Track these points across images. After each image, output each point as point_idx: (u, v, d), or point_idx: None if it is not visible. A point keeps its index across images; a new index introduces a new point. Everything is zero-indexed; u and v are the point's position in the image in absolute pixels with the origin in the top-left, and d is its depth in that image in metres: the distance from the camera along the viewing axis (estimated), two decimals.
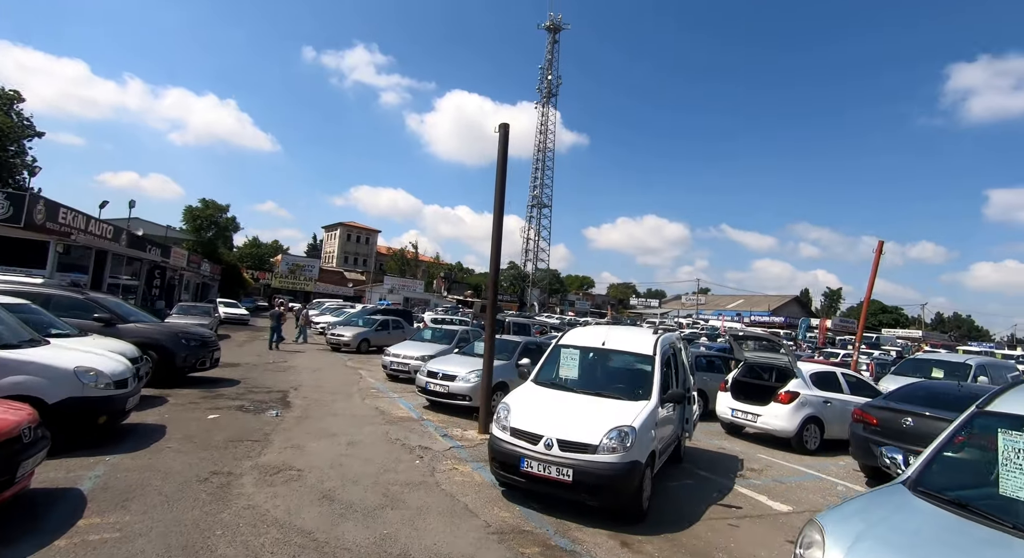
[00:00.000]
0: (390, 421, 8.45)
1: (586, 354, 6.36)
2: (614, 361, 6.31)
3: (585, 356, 6.34)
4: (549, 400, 5.56)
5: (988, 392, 6.81)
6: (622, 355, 6.25)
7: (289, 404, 9.17)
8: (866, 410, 6.77)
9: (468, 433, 8.00)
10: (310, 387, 11.16)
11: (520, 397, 5.67)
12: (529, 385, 6.07)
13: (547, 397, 5.66)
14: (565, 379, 6.16)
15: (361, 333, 19.73)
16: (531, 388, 5.94)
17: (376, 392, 11.25)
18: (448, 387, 9.13)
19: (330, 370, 14.15)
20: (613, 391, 5.79)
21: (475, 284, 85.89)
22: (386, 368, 13.10)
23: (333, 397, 10.20)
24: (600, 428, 4.88)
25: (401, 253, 78.15)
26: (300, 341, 21.01)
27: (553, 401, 5.53)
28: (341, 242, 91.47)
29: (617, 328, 6.71)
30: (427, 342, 14.14)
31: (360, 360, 16.98)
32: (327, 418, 8.29)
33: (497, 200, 8.33)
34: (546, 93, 79.11)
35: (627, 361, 6.21)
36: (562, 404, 5.44)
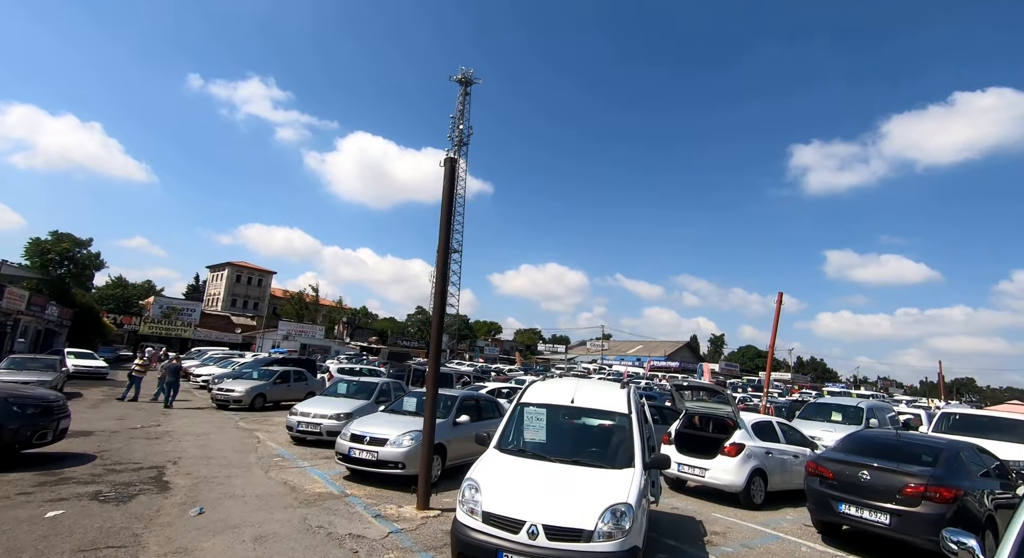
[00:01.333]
0: (306, 500, 6.94)
1: (554, 414, 5.65)
2: (586, 421, 5.66)
3: (554, 416, 5.63)
4: (523, 473, 4.73)
5: (923, 440, 7.16)
6: (595, 413, 5.62)
7: (168, 486, 7.26)
8: (820, 463, 6.74)
9: (405, 510, 6.77)
10: (194, 459, 9.11)
11: (488, 470, 4.77)
12: (493, 454, 5.19)
13: (519, 469, 4.82)
14: (533, 444, 5.36)
15: (256, 387, 17.23)
16: (498, 458, 5.06)
17: (281, 461, 9.47)
18: (378, 453, 7.82)
19: (219, 434, 11.88)
20: (592, 458, 5.11)
21: (380, 330, 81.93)
22: (292, 429, 11.25)
23: (227, 471, 8.34)
24: (591, 508, 4.15)
25: (299, 296, 72.57)
26: (165, 402, 16.21)
27: (527, 474, 4.71)
28: (229, 283, 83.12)
29: (584, 383, 6.11)
30: (341, 397, 12.49)
31: (256, 419, 14.63)
32: (223, 502, 6.60)
33: (442, 236, 7.58)
34: (457, 142, 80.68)
35: (601, 421, 5.59)
36: (538, 477, 4.63)
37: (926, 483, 5.81)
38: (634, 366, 64.14)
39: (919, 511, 5.74)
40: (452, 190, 7.79)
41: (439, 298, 7.45)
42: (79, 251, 51.64)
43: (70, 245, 50.00)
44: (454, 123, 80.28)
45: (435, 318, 7.45)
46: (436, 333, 7.38)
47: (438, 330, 7.40)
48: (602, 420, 5.58)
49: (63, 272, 49.07)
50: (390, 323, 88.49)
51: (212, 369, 24.87)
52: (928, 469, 6.05)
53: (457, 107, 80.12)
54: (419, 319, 79.09)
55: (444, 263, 7.56)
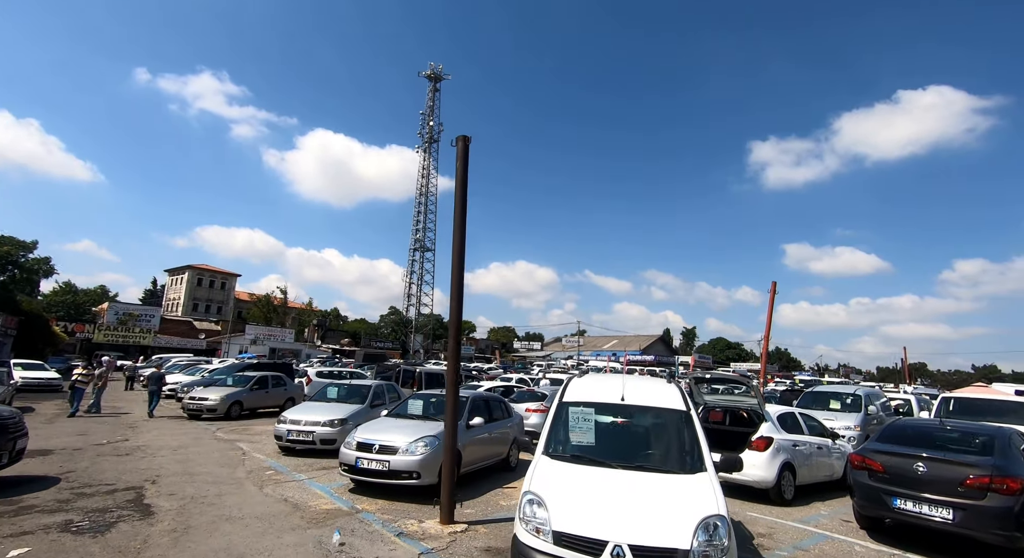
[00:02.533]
0: (315, 519, 6.17)
1: (604, 414, 5.08)
2: (640, 421, 5.10)
3: (603, 416, 5.06)
4: (588, 483, 4.14)
5: (970, 428, 6.91)
6: (649, 412, 5.08)
7: (150, 509, 6.35)
8: (868, 456, 6.41)
9: (428, 526, 6.08)
10: (176, 476, 8.15)
11: (547, 481, 4.16)
12: (545, 461, 4.57)
13: (582, 479, 4.23)
14: (583, 448, 4.78)
15: (231, 394, 16.05)
16: (553, 467, 4.45)
17: (275, 474, 8.59)
18: (389, 463, 7.09)
19: (197, 447, 10.84)
20: (657, 462, 4.58)
21: (353, 331, 79.81)
22: (280, 439, 10.34)
23: (217, 488, 7.45)
24: (682, 523, 3.60)
25: (266, 299, 69.91)
26: (149, 411, 15.72)
27: (594, 484, 4.12)
28: (190, 287, 79.44)
29: (630, 378, 5.57)
30: (332, 402, 11.61)
31: (234, 429, 13.55)
32: (219, 526, 5.76)
33: (457, 221, 6.91)
34: (427, 138, 79.33)
35: (657, 421, 5.06)
36: (608, 488, 4.06)
37: (990, 474, 5.52)
38: (611, 361, 64.48)
39: (986, 504, 5.44)
40: (466, 172, 7.13)
41: (456, 290, 6.78)
42: (23, 255, 48.05)
43: (12, 248, 46.45)
44: (424, 120, 79.04)
45: (452, 313, 6.78)
46: (455, 328, 6.71)
47: (456, 326, 6.73)
48: (658, 419, 5.05)
49: (6, 278, 45.55)
50: (362, 324, 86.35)
51: (179, 377, 23.30)
52: (988, 459, 5.77)
53: (427, 103, 78.86)
54: (393, 320, 77.35)
55: (460, 253, 6.89)
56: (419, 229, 77.10)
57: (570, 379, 5.71)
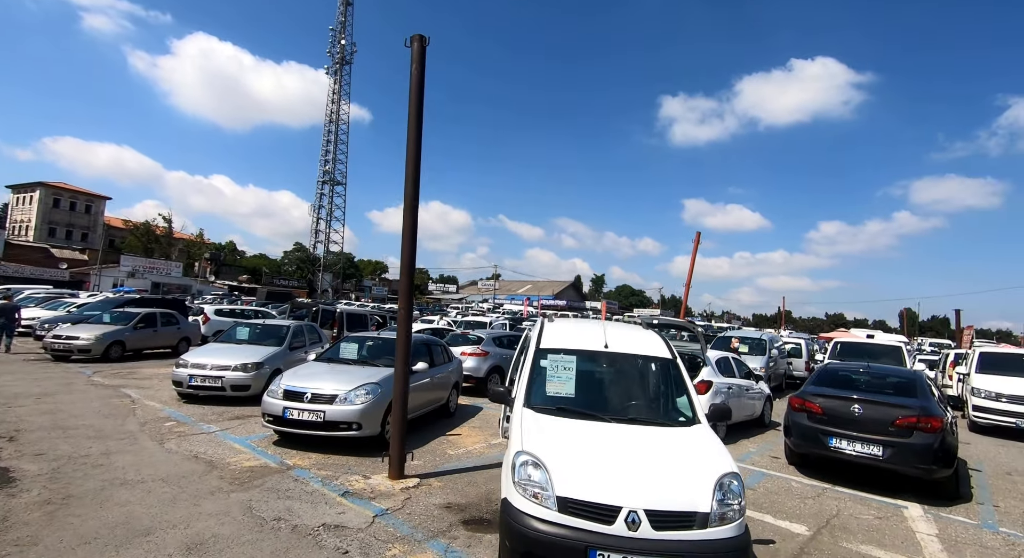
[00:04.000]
0: (238, 480, 5.25)
1: (586, 362, 4.62)
2: (625, 370, 4.72)
3: (585, 365, 4.60)
4: (585, 440, 3.68)
5: (892, 372, 7.47)
6: (634, 361, 4.70)
7: (10, 475, 5.03)
8: (807, 399, 6.73)
9: (376, 481, 5.44)
10: (44, 430, 6.66)
11: (540, 438, 3.64)
12: (529, 415, 4.04)
13: (577, 434, 3.76)
14: (568, 400, 4.33)
15: (110, 333, 13.76)
16: (540, 421, 3.92)
17: (177, 426, 7.36)
18: (324, 413, 6.23)
19: (69, 394, 9.07)
20: (648, 414, 4.25)
21: (252, 268, 73.61)
22: (181, 385, 8.92)
23: (102, 445, 6.15)
24: (700, 483, 3.28)
25: (147, 227, 61.48)
26: None
27: (590, 441, 3.67)
28: (44, 209, 67.36)
29: (610, 324, 5.12)
30: (244, 344, 10.22)
31: (116, 373, 11.64)
32: (112, 494, 4.67)
33: (412, 137, 5.84)
34: (339, 59, 71.80)
35: (643, 370, 4.70)
36: (606, 445, 3.63)
37: (917, 414, 5.98)
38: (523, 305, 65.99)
39: (911, 442, 5.91)
40: (422, 79, 5.98)
41: (409, 219, 5.81)
42: None
43: None
44: (334, 37, 70.95)
45: (405, 242, 5.84)
46: (408, 258, 5.81)
47: (409, 256, 5.83)
48: (644, 368, 4.70)
49: None
50: (263, 260, 79.86)
51: (37, 312, 19.76)
52: (914, 400, 6.25)
53: (337, 18, 70.61)
54: (298, 257, 72.15)
55: (415, 173, 5.87)
56: (328, 160, 71.09)
57: (544, 323, 5.16)
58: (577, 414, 4.06)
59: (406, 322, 5.75)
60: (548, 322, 5.18)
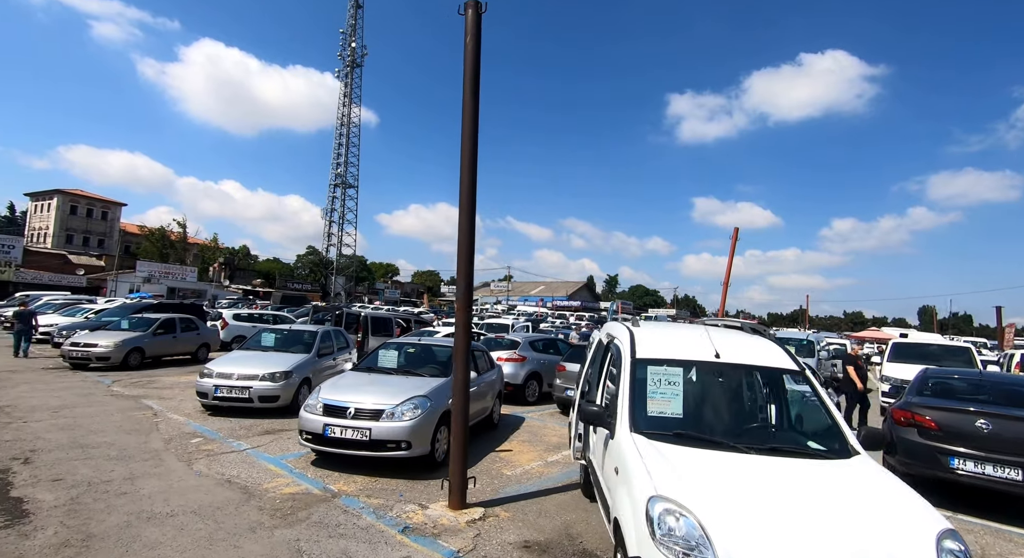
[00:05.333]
0: (279, 511, 4.58)
1: (694, 374, 3.88)
2: (744, 386, 3.97)
3: (694, 378, 3.86)
4: (730, 479, 2.88)
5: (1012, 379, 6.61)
6: (754, 374, 3.95)
7: (23, 507, 4.41)
8: (915, 411, 5.89)
9: (435, 512, 4.74)
10: (61, 449, 6.06)
11: (676, 477, 2.84)
12: (646, 444, 3.25)
13: (714, 469, 2.97)
14: (680, 422, 3.57)
15: (129, 340, 13.26)
16: (661, 452, 3.13)
17: (204, 442, 6.73)
18: (370, 431, 5.55)
19: (88, 406, 8.51)
20: (792, 444, 3.50)
21: (265, 271, 73.63)
22: (206, 396, 8.32)
23: (125, 468, 5.53)
24: (914, 546, 2.49)
25: (161, 232, 61.66)
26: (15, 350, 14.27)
27: (736, 478, 2.88)
28: (61, 216, 67.92)
29: (713, 330, 4.35)
30: (271, 351, 9.60)
31: (136, 382, 11.10)
32: (140, 533, 4.01)
33: (468, 118, 5.15)
34: (349, 61, 71.66)
35: (766, 385, 3.95)
36: (760, 485, 2.83)
37: None
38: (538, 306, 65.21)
39: None
40: (478, 53, 5.28)
41: (467, 215, 5.12)
42: None
43: None
44: (345, 39, 70.81)
45: (462, 243, 5.14)
46: (465, 263, 5.11)
47: (467, 258, 5.13)
48: (766, 383, 3.95)
49: None
50: (276, 264, 79.98)
51: (55, 318, 19.41)
52: None
53: (348, 21, 70.47)
54: (311, 260, 72.04)
55: (472, 157, 5.18)
56: (340, 163, 70.87)
57: (631, 328, 4.42)
58: (701, 442, 3.30)
59: (465, 327, 5.05)
60: (638, 327, 4.43)
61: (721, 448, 3.22)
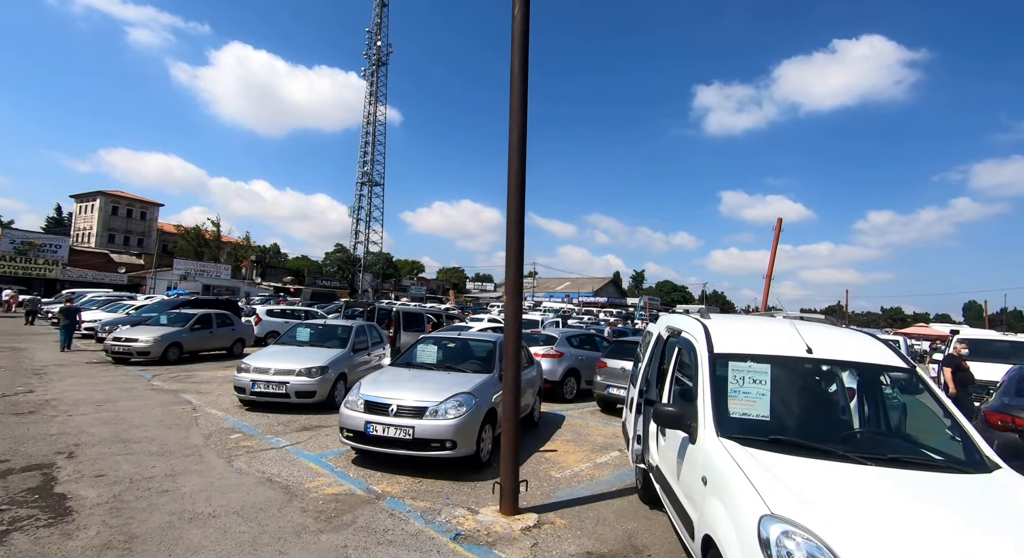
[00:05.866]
0: (323, 513, 4.35)
1: (783, 372, 3.45)
2: (839, 384, 3.53)
3: (783, 377, 3.43)
4: (849, 493, 2.47)
5: None
6: (855, 372, 3.50)
7: (66, 504, 4.29)
8: (1013, 413, 5.30)
9: (485, 517, 4.44)
10: (103, 444, 6.00)
11: (785, 489, 2.43)
12: (741, 451, 2.83)
13: (830, 483, 2.54)
14: (763, 424, 3.17)
15: (168, 335, 13.45)
16: (760, 458, 2.73)
17: (243, 438, 6.61)
18: (414, 429, 5.29)
19: (130, 400, 8.54)
20: (917, 454, 3.04)
21: (295, 269, 75.10)
22: (243, 391, 8.24)
23: (166, 464, 5.41)
24: None
25: (197, 231, 63.39)
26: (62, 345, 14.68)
27: (860, 495, 2.45)
28: (104, 216, 70.60)
29: (801, 323, 3.88)
30: (306, 346, 9.49)
31: (175, 376, 11.19)
32: (182, 535, 3.83)
33: (516, 103, 4.81)
34: (376, 60, 72.15)
35: (871, 385, 3.50)
36: (892, 504, 2.38)
37: None
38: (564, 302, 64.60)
39: None
40: (526, 23, 4.92)
41: (516, 204, 4.78)
42: None
43: None
44: (371, 38, 71.35)
45: (512, 235, 4.81)
46: (516, 245, 4.78)
47: (517, 248, 4.79)
48: (870, 383, 3.50)
49: None
50: (305, 262, 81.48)
51: (98, 314, 19.97)
52: None
53: (373, 20, 70.94)
54: (339, 257, 73.05)
55: (520, 138, 4.84)
56: (366, 162, 71.51)
57: (704, 321, 4.00)
58: (804, 449, 2.87)
59: (516, 320, 4.72)
60: (710, 321, 4.01)
61: (830, 457, 2.79)
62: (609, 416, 9.48)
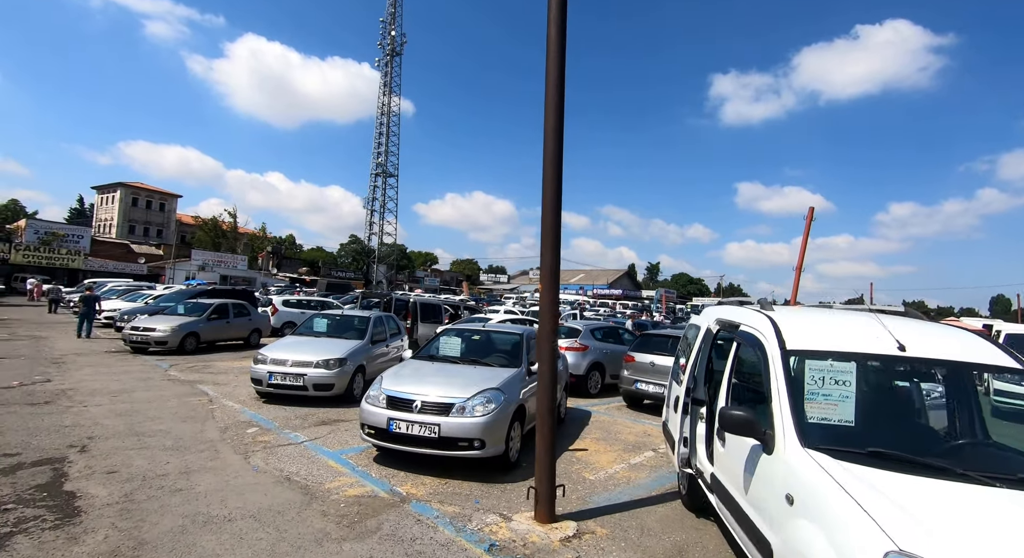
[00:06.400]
0: (345, 517, 4.03)
1: (870, 373, 3.02)
2: (946, 391, 3.08)
3: (870, 378, 3.00)
4: (983, 524, 2.05)
5: None
6: (958, 374, 3.05)
7: (75, 503, 4.04)
8: None
9: (519, 525, 4.08)
10: (117, 437, 5.78)
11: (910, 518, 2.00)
12: (835, 465, 2.38)
13: (954, 508, 2.12)
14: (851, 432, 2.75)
15: (185, 324, 13.33)
16: (866, 477, 2.30)
17: (260, 433, 6.35)
18: (439, 427, 4.95)
19: (146, 391, 8.36)
20: None
21: (310, 260, 75.53)
22: (260, 383, 8.00)
23: (181, 460, 5.16)
24: None
25: (214, 222, 63.94)
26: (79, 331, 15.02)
27: (995, 528, 2.03)
28: (124, 208, 71.57)
29: (888, 318, 3.37)
30: (324, 337, 9.23)
31: (191, 367, 11.03)
32: (196, 541, 3.54)
33: (553, 93, 4.39)
34: (390, 50, 71.74)
35: (974, 390, 3.05)
36: None
37: None
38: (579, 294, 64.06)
39: None
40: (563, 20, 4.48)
41: (552, 188, 4.38)
42: None
43: None
44: (385, 28, 70.90)
45: (547, 219, 4.41)
46: (552, 232, 4.38)
47: (554, 231, 4.39)
48: (973, 386, 3.04)
49: None
50: (320, 253, 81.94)
51: (118, 303, 20.07)
52: None
53: (387, 9, 70.49)
54: (354, 249, 73.25)
55: (557, 131, 4.41)
56: (380, 153, 71.37)
57: (766, 313, 3.57)
58: (912, 466, 2.43)
59: (552, 312, 4.34)
60: (778, 313, 3.57)
61: (947, 476, 2.36)
62: (637, 412, 9.08)
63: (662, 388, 8.73)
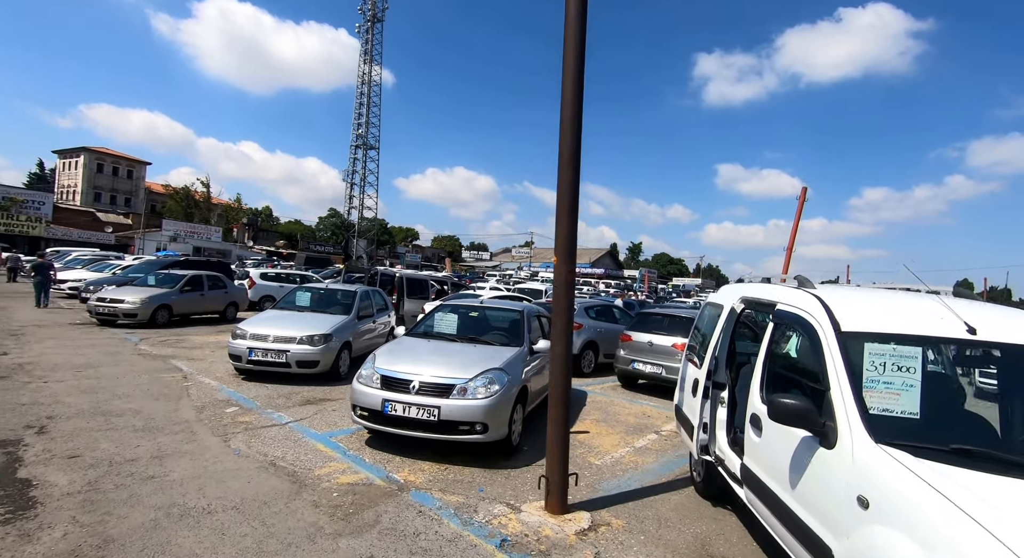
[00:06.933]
0: (339, 508, 3.67)
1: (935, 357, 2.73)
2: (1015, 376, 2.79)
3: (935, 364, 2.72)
4: None
5: None
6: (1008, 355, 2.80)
7: (30, 493, 3.57)
8: None
9: (530, 517, 3.78)
10: (81, 417, 5.27)
11: None
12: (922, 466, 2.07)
13: None
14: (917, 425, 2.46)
15: (156, 296, 12.60)
16: (971, 483, 1.99)
17: (240, 412, 5.90)
18: (439, 409, 4.58)
19: (114, 366, 7.78)
20: None
21: (287, 233, 73.59)
22: (239, 359, 7.50)
23: (152, 442, 4.70)
24: None
25: (186, 192, 61.41)
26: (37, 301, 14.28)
27: None
28: (89, 174, 68.19)
29: (950, 298, 3.06)
30: (307, 311, 8.72)
31: (164, 340, 10.41)
32: (171, 538, 3.13)
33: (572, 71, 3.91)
34: (371, 16, 68.83)
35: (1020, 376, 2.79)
36: None
37: None
38: None
39: None
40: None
41: (569, 164, 3.94)
42: None
43: None
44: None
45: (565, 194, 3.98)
46: (569, 204, 3.97)
47: (571, 211, 3.98)
48: None
49: None
50: (298, 226, 79.88)
51: (83, 273, 19.03)
52: None
53: None
54: (333, 222, 71.52)
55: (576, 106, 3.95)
56: (360, 124, 69.07)
57: (811, 291, 3.24)
58: (1007, 466, 2.15)
59: (568, 289, 3.96)
60: (831, 291, 3.23)
61: None
62: (633, 393, 8.88)
63: (660, 369, 8.53)
